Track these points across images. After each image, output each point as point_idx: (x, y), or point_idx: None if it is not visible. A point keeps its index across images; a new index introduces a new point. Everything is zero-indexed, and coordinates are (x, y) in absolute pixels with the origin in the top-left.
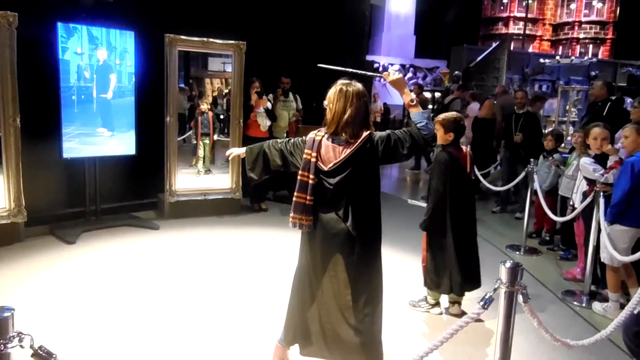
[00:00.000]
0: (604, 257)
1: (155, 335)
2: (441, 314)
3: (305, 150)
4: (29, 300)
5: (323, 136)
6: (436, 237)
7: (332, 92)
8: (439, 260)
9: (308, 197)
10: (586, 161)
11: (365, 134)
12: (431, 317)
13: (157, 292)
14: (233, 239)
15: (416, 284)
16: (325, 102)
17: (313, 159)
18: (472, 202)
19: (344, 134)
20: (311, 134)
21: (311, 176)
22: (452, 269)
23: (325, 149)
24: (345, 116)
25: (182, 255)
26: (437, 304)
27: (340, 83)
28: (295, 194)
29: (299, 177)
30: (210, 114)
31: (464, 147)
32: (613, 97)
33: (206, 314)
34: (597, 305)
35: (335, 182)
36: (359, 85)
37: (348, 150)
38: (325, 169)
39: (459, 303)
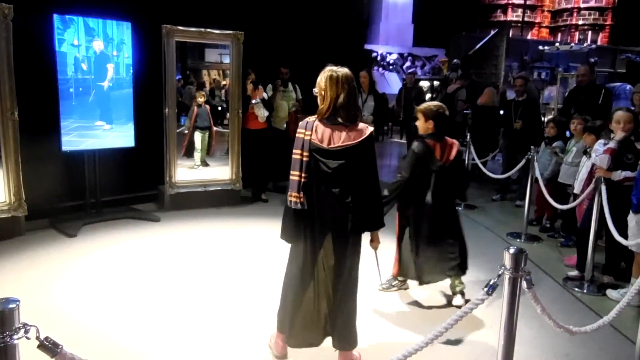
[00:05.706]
0: (632, 246)
1: (159, 326)
2: (407, 288)
3: (299, 130)
4: (32, 293)
5: (316, 119)
6: (404, 227)
7: (322, 79)
8: (401, 248)
9: (303, 175)
10: (596, 146)
11: (369, 130)
12: (416, 302)
13: (159, 284)
14: (234, 230)
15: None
16: (316, 90)
17: (307, 137)
18: (447, 195)
19: (339, 118)
20: (304, 120)
21: (305, 153)
22: (408, 258)
23: (321, 130)
24: (340, 100)
25: (183, 247)
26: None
27: (328, 69)
28: (290, 172)
29: (293, 156)
30: (207, 106)
31: (450, 139)
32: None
33: (207, 306)
34: (612, 293)
35: (335, 167)
36: (346, 70)
37: (353, 134)
38: (325, 147)
39: (462, 294)
